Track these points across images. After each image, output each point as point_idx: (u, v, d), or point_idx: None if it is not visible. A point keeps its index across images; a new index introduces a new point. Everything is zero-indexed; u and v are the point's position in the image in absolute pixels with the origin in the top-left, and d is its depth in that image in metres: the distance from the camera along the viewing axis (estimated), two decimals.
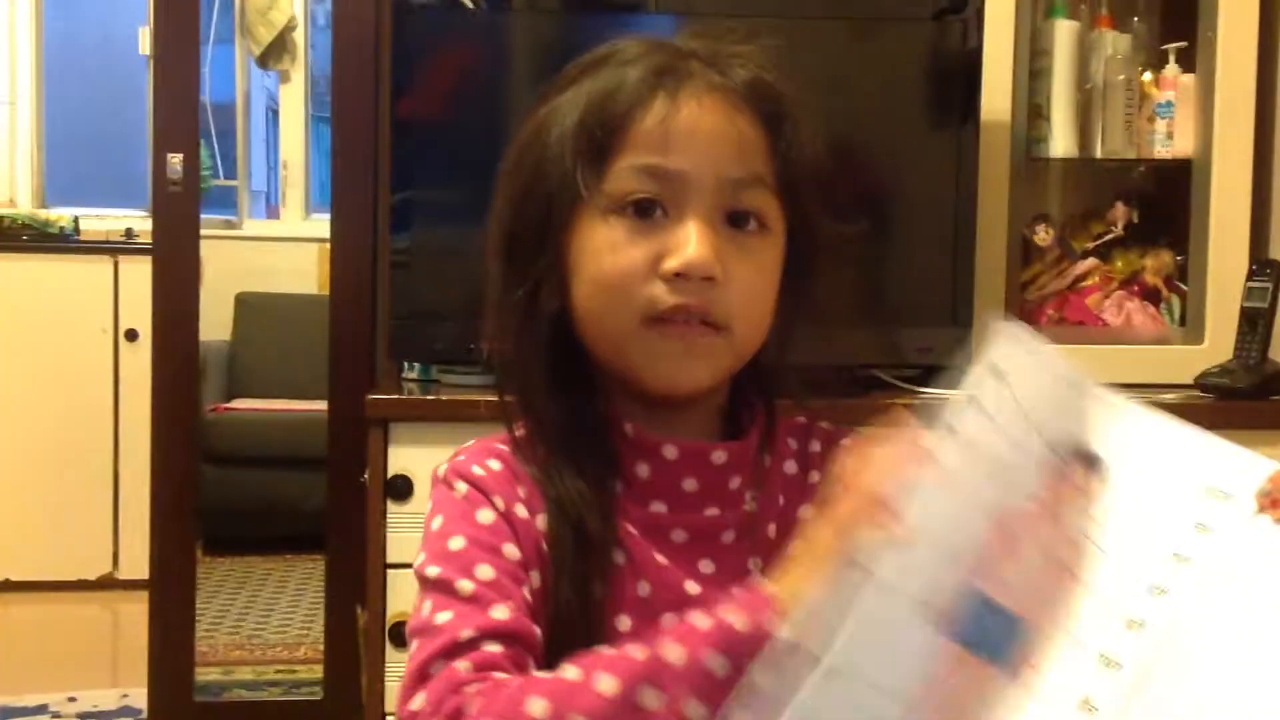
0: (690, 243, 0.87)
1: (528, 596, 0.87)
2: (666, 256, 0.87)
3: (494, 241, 0.94)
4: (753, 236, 0.90)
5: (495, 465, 0.92)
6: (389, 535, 1.92)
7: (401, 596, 1.92)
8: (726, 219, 0.89)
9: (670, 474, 0.91)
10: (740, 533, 0.92)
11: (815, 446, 0.99)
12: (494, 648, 0.81)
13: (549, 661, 0.83)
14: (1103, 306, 2.29)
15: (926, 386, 2.07)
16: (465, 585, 0.84)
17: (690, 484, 0.91)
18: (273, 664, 3.27)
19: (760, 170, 0.90)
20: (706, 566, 0.91)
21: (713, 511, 0.92)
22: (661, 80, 0.89)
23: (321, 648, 2.62)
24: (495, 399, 0.96)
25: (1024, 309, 2.26)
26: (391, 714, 1.93)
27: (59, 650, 3.66)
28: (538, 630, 0.85)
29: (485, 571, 0.85)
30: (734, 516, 0.92)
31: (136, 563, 3.37)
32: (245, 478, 4.27)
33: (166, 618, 2.56)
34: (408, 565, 1.88)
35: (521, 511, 0.89)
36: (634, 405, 0.92)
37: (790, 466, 0.97)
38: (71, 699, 3.07)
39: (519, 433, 0.93)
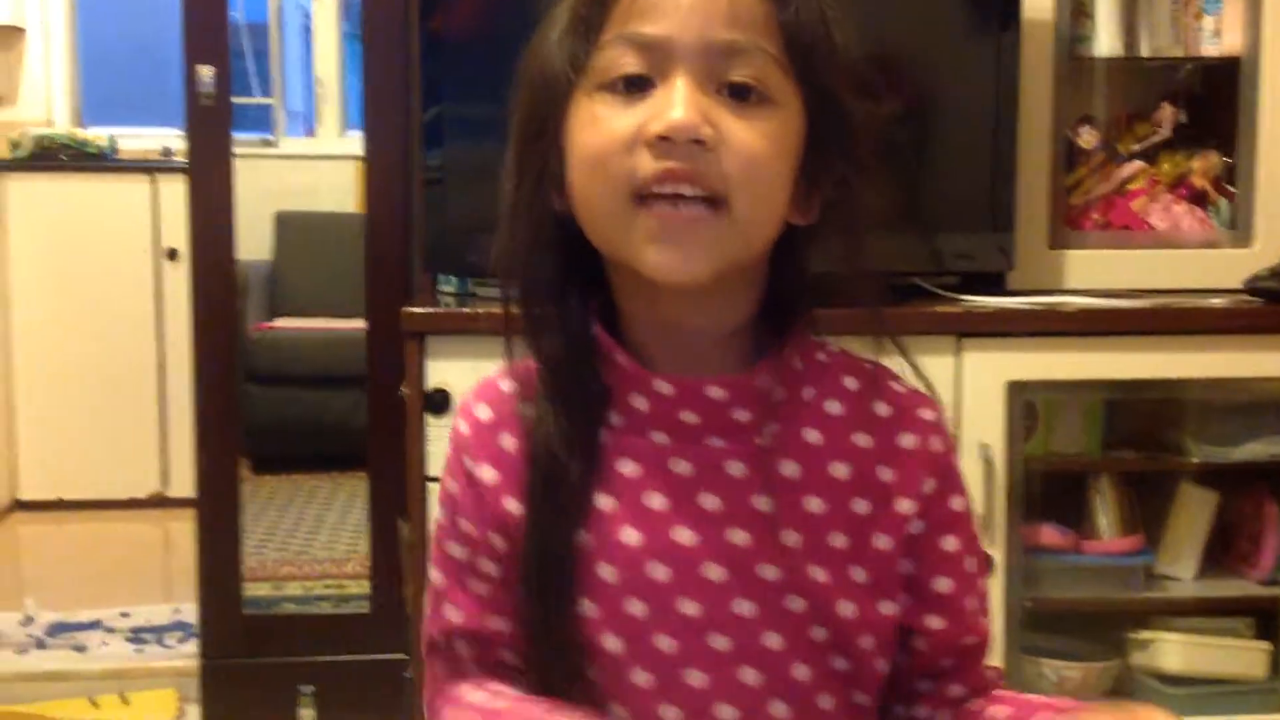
0: (674, 104, 0.81)
1: (487, 569, 0.89)
2: (650, 123, 0.81)
3: (509, 150, 0.90)
4: (755, 106, 0.83)
5: (484, 414, 0.91)
6: (429, 448, 1.93)
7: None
8: (726, 92, 0.82)
9: (667, 406, 0.87)
10: (751, 466, 0.87)
11: (881, 408, 0.90)
12: (461, 648, 0.91)
13: (539, 611, 0.86)
14: (1149, 210, 2.25)
15: (967, 294, 2.05)
16: (435, 576, 0.92)
17: (689, 416, 0.87)
18: (321, 579, 3.31)
19: (759, 37, 0.83)
20: (709, 501, 0.86)
21: (717, 443, 0.87)
22: None
23: (368, 563, 2.65)
24: (499, 312, 0.91)
25: (1068, 214, 2.22)
26: None
27: (111, 567, 3.72)
28: (493, 622, 0.90)
29: (454, 550, 0.91)
30: (743, 449, 0.87)
31: (185, 481, 3.41)
32: (290, 396, 4.30)
33: (214, 534, 2.59)
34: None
35: (487, 473, 0.89)
36: (655, 329, 0.88)
37: (834, 406, 0.90)
38: (124, 614, 3.12)
39: (519, 366, 0.91)
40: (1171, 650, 2.10)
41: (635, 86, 0.83)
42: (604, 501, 0.87)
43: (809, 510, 0.87)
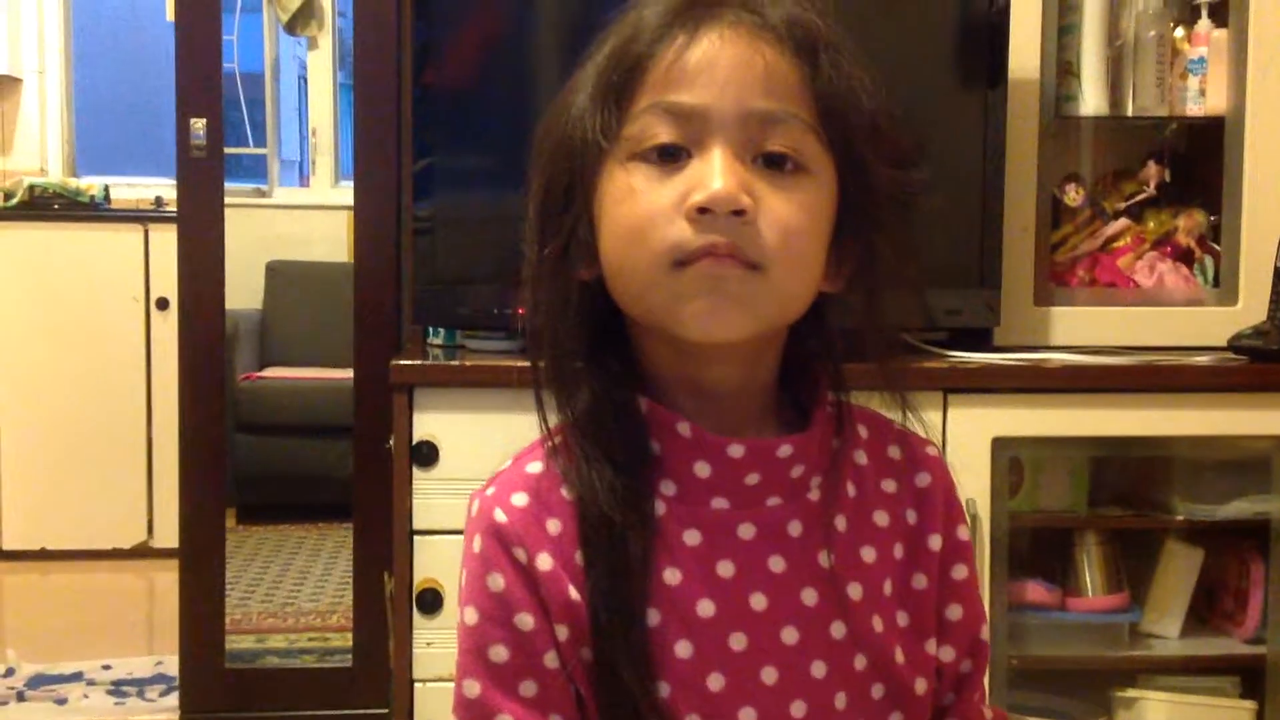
0: (714, 175, 0.80)
1: (550, 664, 0.85)
2: (689, 195, 0.81)
3: (529, 211, 0.89)
4: (790, 176, 0.82)
5: (521, 500, 0.87)
6: (415, 501, 1.92)
7: (428, 562, 1.92)
8: (761, 161, 0.82)
9: (733, 470, 0.86)
10: (808, 524, 0.87)
11: (894, 452, 0.93)
12: None
13: (617, 699, 0.82)
14: (1134, 267, 2.26)
15: (954, 350, 2.05)
16: (474, 688, 0.85)
17: (753, 478, 0.86)
18: (305, 631, 3.29)
19: (794, 106, 0.83)
20: (777, 564, 0.86)
21: (775, 501, 0.87)
22: (682, 18, 0.83)
23: (353, 615, 2.63)
24: (528, 372, 0.90)
25: (1054, 271, 2.23)
26: (419, 681, 1.93)
27: (94, 619, 3.69)
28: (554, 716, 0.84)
29: (499, 653, 0.85)
30: (798, 506, 0.87)
31: (171, 531, 3.39)
32: (278, 446, 4.30)
33: (197, 586, 2.58)
34: (434, 532, 1.91)
35: (545, 562, 0.85)
36: (683, 392, 0.87)
37: (861, 457, 0.91)
38: (106, 666, 3.09)
39: (557, 439, 0.89)
40: (1157, 709, 2.09)
41: (670, 156, 0.82)
42: (671, 575, 0.85)
43: (865, 561, 0.89)
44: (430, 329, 2.18)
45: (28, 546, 4.20)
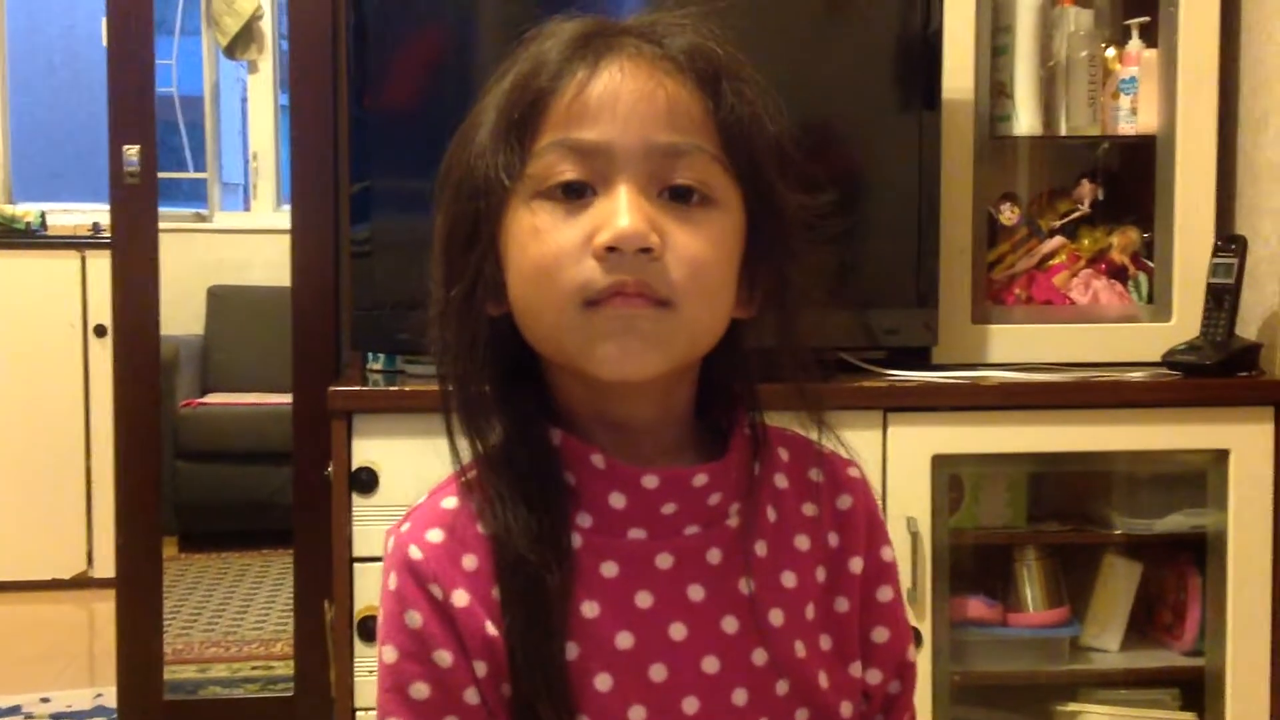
0: (620, 213, 0.79)
1: (470, 700, 0.84)
2: (597, 233, 0.80)
3: (435, 248, 0.87)
4: (698, 209, 0.82)
5: (436, 537, 0.86)
6: (355, 528, 1.91)
7: (369, 590, 1.90)
8: (668, 194, 0.82)
9: (648, 501, 0.85)
10: (727, 551, 0.87)
11: (815, 474, 0.92)
12: None
13: None
14: (1070, 285, 2.28)
15: (892, 369, 2.06)
16: None
17: (669, 507, 0.86)
18: (248, 660, 3.25)
19: (697, 137, 0.82)
20: (696, 593, 0.86)
21: (693, 530, 0.86)
22: (582, 51, 0.83)
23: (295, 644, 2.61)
24: (431, 390, 0.89)
25: (991, 289, 2.25)
26: (361, 709, 1.92)
27: (33, 650, 3.63)
28: None
29: (419, 691, 0.84)
30: (717, 534, 0.87)
31: (110, 561, 3.34)
32: (220, 473, 4.25)
33: (135, 616, 2.54)
34: (374, 559, 1.89)
35: (461, 598, 0.84)
36: (596, 425, 0.87)
37: (781, 480, 0.91)
38: (45, 699, 3.05)
39: (471, 474, 0.88)
40: None
41: (575, 193, 0.81)
42: (590, 608, 0.84)
43: (785, 586, 0.89)
44: (370, 354, 2.16)
45: None
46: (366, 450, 1.91)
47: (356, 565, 1.91)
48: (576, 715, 0.83)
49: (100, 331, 4.10)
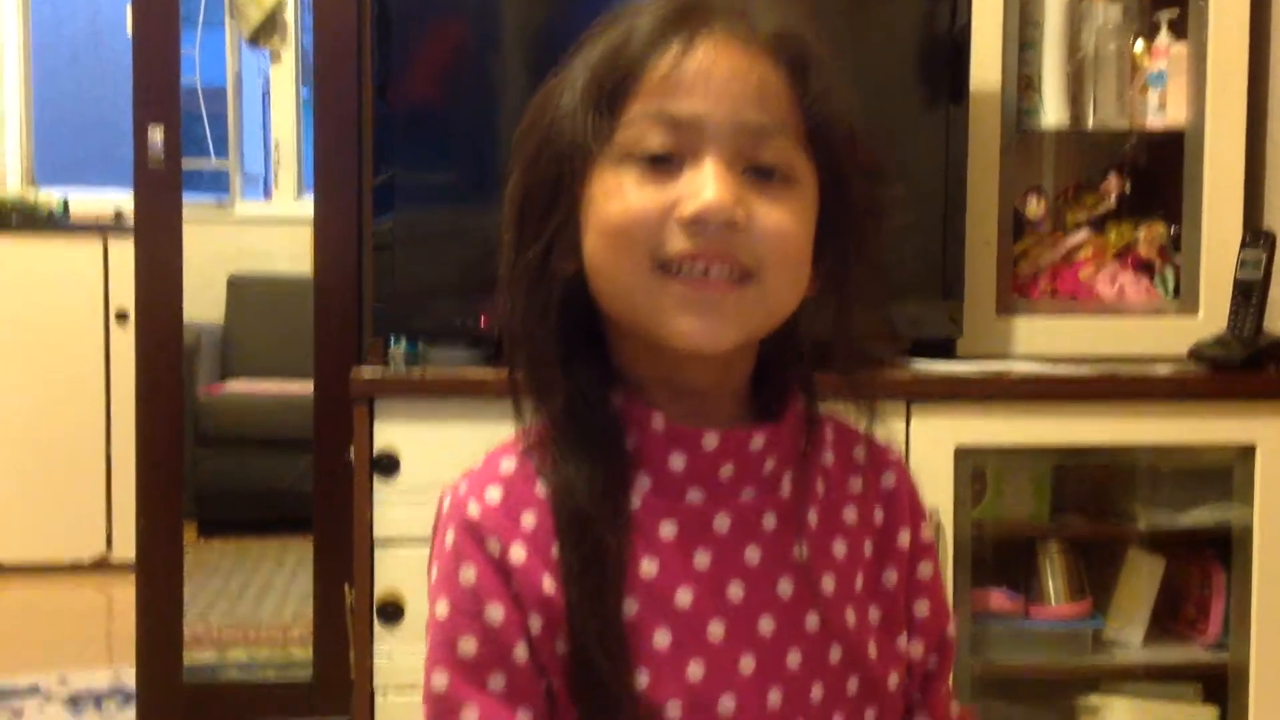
0: (707, 185, 0.81)
1: (519, 657, 0.85)
2: (681, 203, 0.81)
3: (508, 210, 0.89)
4: (779, 186, 0.84)
5: (494, 495, 0.87)
6: (376, 512, 1.91)
7: (389, 574, 1.91)
8: (751, 173, 0.83)
9: (707, 462, 0.87)
10: (781, 517, 0.88)
11: (859, 453, 0.94)
12: None
13: (596, 690, 0.82)
14: (1096, 279, 2.27)
15: (918, 360, 2.06)
16: (440, 681, 0.85)
17: (727, 470, 0.87)
18: (267, 644, 3.25)
19: (784, 119, 0.84)
20: (753, 555, 0.87)
21: (749, 494, 0.88)
22: (676, 26, 0.84)
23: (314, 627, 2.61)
24: (492, 382, 0.91)
25: (1016, 282, 2.24)
26: (380, 692, 1.92)
27: (52, 633, 3.65)
28: (520, 713, 0.84)
29: (468, 646, 0.85)
30: (772, 500, 0.88)
31: (130, 545, 3.36)
32: (240, 459, 4.25)
33: (154, 600, 2.55)
34: (396, 542, 1.89)
35: (518, 554, 0.85)
36: (658, 389, 0.87)
37: (828, 456, 0.93)
38: (63, 680, 3.05)
39: (531, 437, 0.89)
40: (1120, 716, 2.10)
41: (661, 163, 0.83)
42: (649, 565, 0.85)
43: (836, 555, 0.90)
44: (391, 340, 2.16)
45: None
46: (388, 434, 1.91)
47: (377, 549, 1.91)
48: (634, 671, 0.84)
49: (122, 317, 4.12)
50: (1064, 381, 2.02)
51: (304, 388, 2.92)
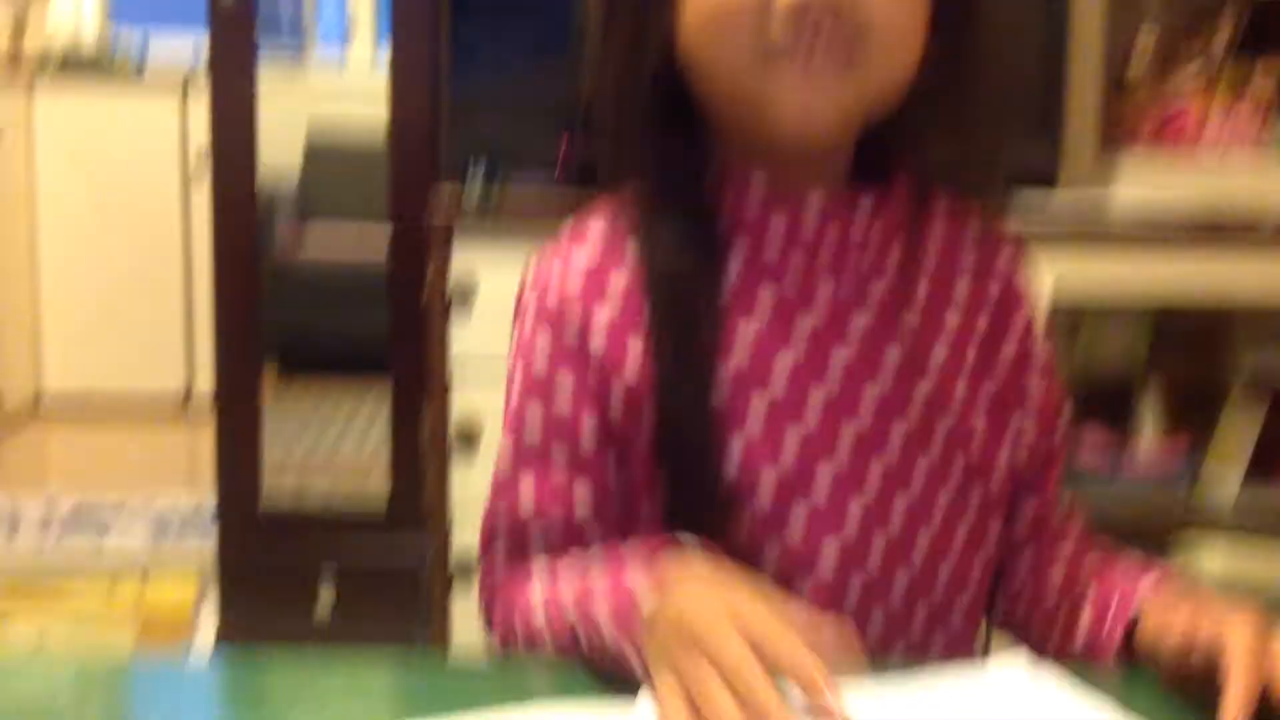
0: None
1: (584, 442, 0.83)
2: None
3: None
4: None
5: (580, 259, 0.85)
6: (453, 341, 1.88)
7: (465, 402, 1.89)
8: None
9: (810, 226, 0.83)
10: (890, 284, 0.85)
11: (974, 228, 0.90)
12: (529, 536, 0.84)
13: (688, 451, 0.80)
14: (1205, 120, 2.17)
15: (1015, 191, 1.98)
16: (504, 462, 0.85)
17: (831, 234, 0.83)
18: (345, 478, 3.29)
19: None
20: (860, 320, 0.84)
21: (854, 261, 0.84)
22: None
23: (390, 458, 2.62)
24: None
25: (1121, 122, 2.15)
26: (456, 521, 1.92)
27: (138, 460, 3.73)
28: (577, 506, 0.83)
29: (533, 428, 0.84)
30: (880, 265, 0.85)
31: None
32: (320, 301, 4.27)
33: (233, 434, 2.56)
34: (471, 372, 1.88)
35: (601, 320, 0.83)
36: (754, 157, 0.84)
37: (940, 228, 0.89)
38: (148, 502, 3.11)
39: (625, 198, 0.87)
40: (1213, 560, 2.05)
41: None
42: (746, 328, 0.83)
43: (948, 325, 0.87)
44: (469, 168, 2.12)
45: (71, 386, 4.23)
46: (465, 262, 1.88)
47: (453, 379, 1.90)
48: (726, 446, 0.81)
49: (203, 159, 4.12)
50: (1168, 224, 1.94)
51: (383, 232, 2.90)
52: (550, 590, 0.81)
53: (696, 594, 0.69)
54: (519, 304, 0.88)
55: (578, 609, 0.77)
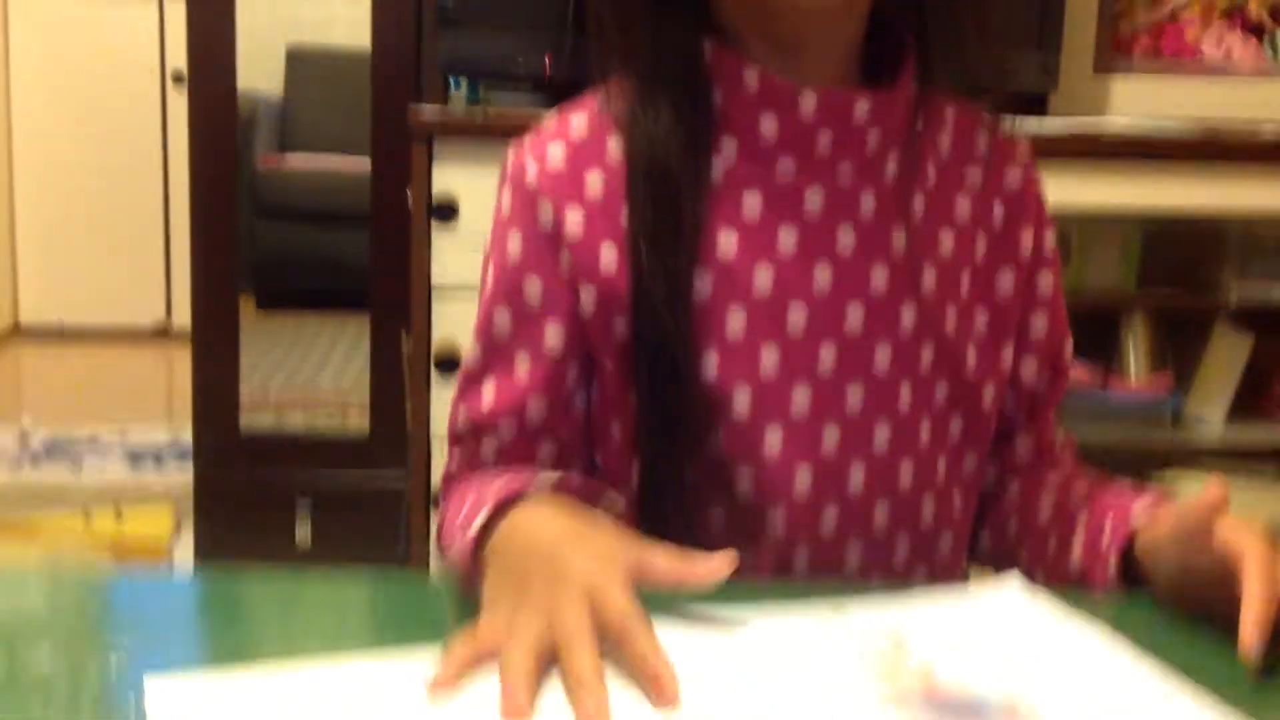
0: None
1: (550, 344, 0.79)
2: None
3: None
4: None
5: (557, 153, 0.80)
6: (434, 260, 1.85)
7: (447, 323, 1.86)
8: None
9: (802, 128, 0.78)
10: (882, 200, 0.80)
11: (983, 141, 0.85)
12: (492, 439, 0.82)
13: (660, 366, 0.77)
14: (1202, 38, 2.13)
15: (1007, 113, 1.94)
16: (471, 359, 0.82)
17: (824, 139, 0.78)
18: (324, 410, 3.26)
19: None
20: (846, 238, 0.79)
21: (848, 169, 0.79)
22: None
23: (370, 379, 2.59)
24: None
25: (1116, 38, 2.10)
26: (437, 440, 1.89)
27: (113, 392, 3.69)
28: (539, 408, 0.80)
29: (501, 321, 0.81)
30: (873, 178, 0.80)
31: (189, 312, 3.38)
32: (298, 232, 4.22)
33: (210, 365, 2.52)
34: (453, 292, 1.84)
35: (575, 219, 0.78)
36: (756, 41, 0.79)
37: (944, 140, 0.84)
38: (123, 433, 3.08)
39: (612, 90, 0.82)
40: (1196, 493, 2.04)
41: None
42: (726, 241, 0.78)
43: (942, 249, 0.82)
44: (452, 83, 2.07)
45: (46, 319, 4.18)
46: (447, 179, 1.84)
47: (434, 298, 1.86)
48: (703, 352, 0.77)
49: (179, 78, 4.05)
50: (1160, 141, 1.90)
51: (364, 163, 2.86)
52: (459, 507, 0.77)
53: (556, 535, 0.65)
54: (498, 192, 0.84)
55: (460, 528, 0.73)
